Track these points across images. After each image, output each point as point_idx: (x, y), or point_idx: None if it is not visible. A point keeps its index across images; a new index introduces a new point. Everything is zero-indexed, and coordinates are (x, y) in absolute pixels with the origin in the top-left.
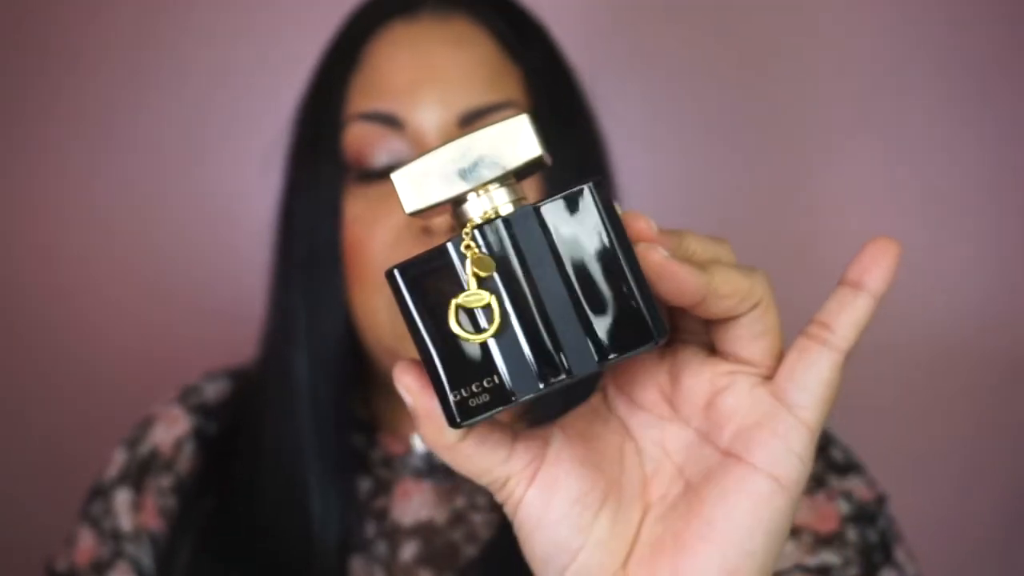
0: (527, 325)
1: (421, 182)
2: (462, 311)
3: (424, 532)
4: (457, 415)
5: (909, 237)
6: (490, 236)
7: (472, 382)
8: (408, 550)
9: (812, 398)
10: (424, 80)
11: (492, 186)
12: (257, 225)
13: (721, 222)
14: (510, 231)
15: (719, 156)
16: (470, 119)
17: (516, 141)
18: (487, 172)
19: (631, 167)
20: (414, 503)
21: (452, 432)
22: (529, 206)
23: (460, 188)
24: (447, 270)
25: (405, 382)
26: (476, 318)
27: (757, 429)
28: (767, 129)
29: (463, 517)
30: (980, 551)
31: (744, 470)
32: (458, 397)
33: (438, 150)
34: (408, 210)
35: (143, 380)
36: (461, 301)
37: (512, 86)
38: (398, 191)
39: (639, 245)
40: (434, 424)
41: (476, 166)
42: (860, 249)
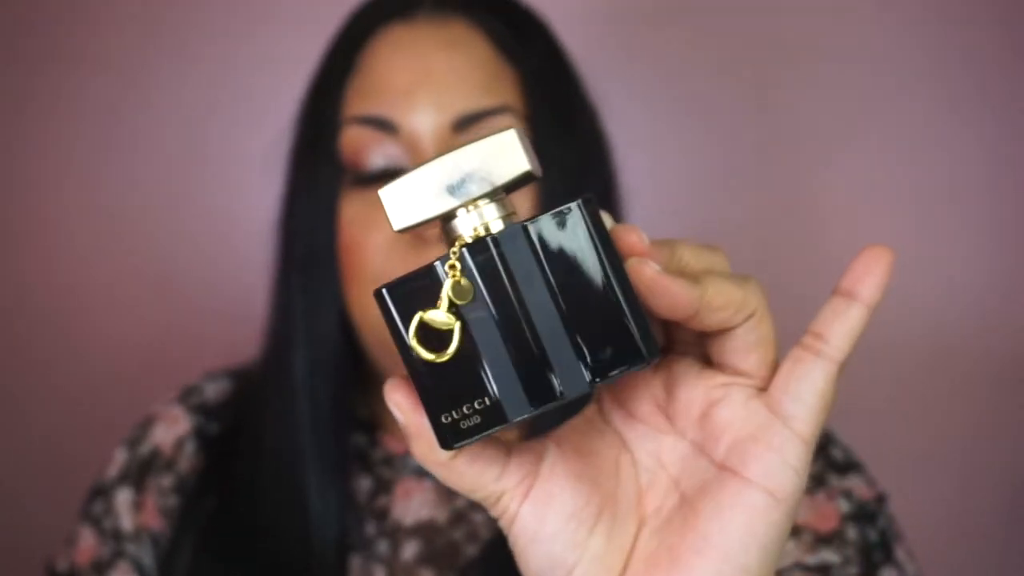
0: (517, 346)
1: (409, 198)
2: (428, 328)
3: (425, 531)
4: (448, 438)
5: (909, 237)
6: (479, 255)
7: (463, 404)
8: (409, 549)
9: (807, 409)
10: (419, 84)
11: (481, 202)
12: (260, 224)
13: (722, 222)
14: (499, 250)
15: (720, 156)
16: (464, 123)
17: (504, 156)
18: (476, 188)
19: (633, 167)
20: (415, 502)
21: (444, 450)
22: (518, 225)
23: (449, 204)
24: (434, 290)
25: (395, 399)
26: (442, 338)
27: (752, 442)
28: (768, 129)
29: (464, 516)
30: (979, 550)
31: (739, 484)
32: (449, 419)
33: (425, 166)
34: (396, 227)
35: (145, 379)
36: (425, 316)
37: (508, 90)
38: (386, 208)
39: (630, 260)
40: (425, 441)
41: (464, 182)
42: (854, 257)
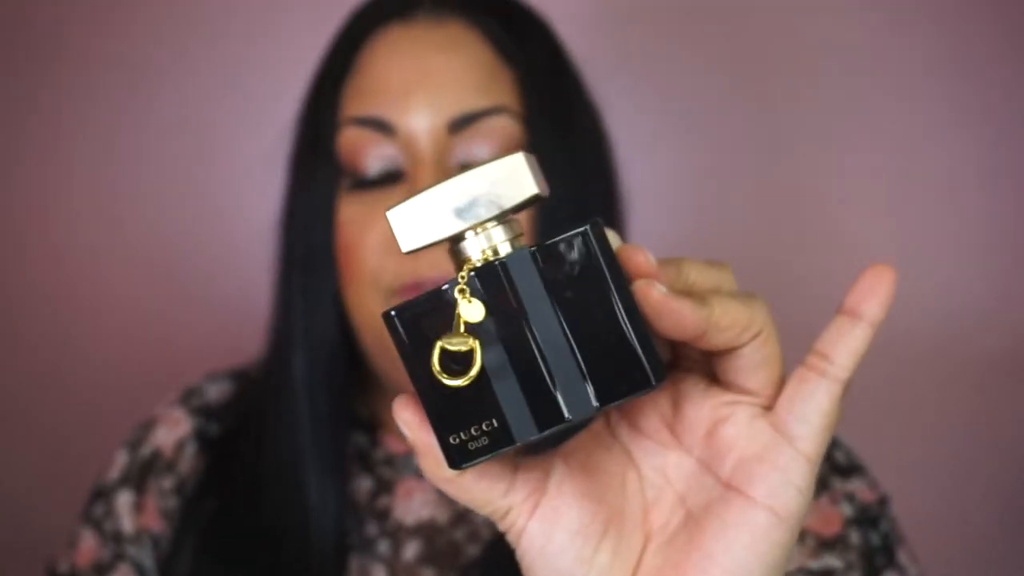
0: (524, 369)
1: (417, 220)
2: (447, 353)
3: (426, 531)
4: (456, 458)
5: (907, 236)
6: (487, 279)
7: (471, 425)
8: (410, 549)
9: (811, 429)
10: (415, 85)
11: (489, 224)
12: (265, 224)
13: (722, 222)
14: (507, 274)
15: (721, 157)
16: (461, 124)
17: (512, 179)
18: (483, 211)
19: (633, 167)
20: (416, 502)
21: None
22: (526, 250)
23: (457, 227)
24: (443, 313)
25: (404, 417)
26: (462, 362)
27: (757, 462)
28: (768, 130)
29: (465, 517)
30: (977, 549)
31: (744, 503)
32: (457, 440)
33: (434, 189)
34: (405, 249)
35: (149, 378)
36: (445, 343)
37: (505, 90)
38: (394, 230)
39: (637, 282)
40: (433, 459)
41: (472, 205)
42: (858, 276)
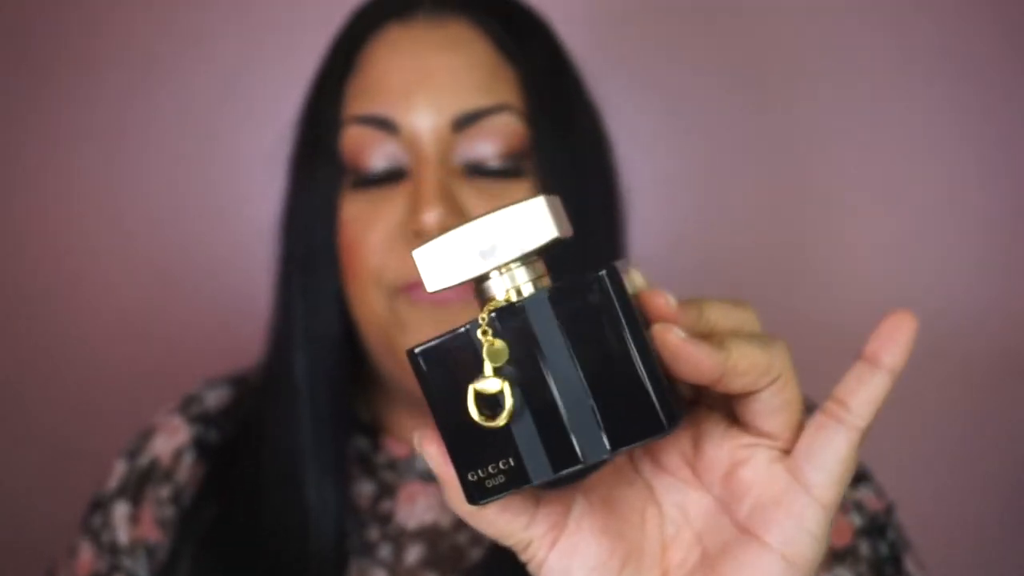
0: (541, 410)
1: (442, 260)
2: (480, 396)
3: (429, 535)
4: (474, 494)
5: (906, 236)
6: (506, 320)
7: (488, 463)
8: (413, 553)
9: (828, 477)
10: (418, 83)
11: (512, 265)
12: (268, 223)
13: (721, 222)
14: (525, 317)
15: (721, 157)
16: (464, 122)
17: (534, 224)
18: (506, 253)
19: (633, 167)
20: (419, 506)
21: None
22: (544, 292)
23: (480, 268)
24: (466, 353)
25: (429, 452)
26: (492, 403)
27: (773, 507)
28: (769, 131)
29: None
30: (977, 548)
31: (759, 548)
32: (475, 477)
33: (457, 231)
34: (430, 288)
35: (151, 377)
36: (478, 387)
37: (507, 89)
38: (420, 269)
39: (655, 326)
40: (456, 492)
41: (495, 248)
42: (880, 324)
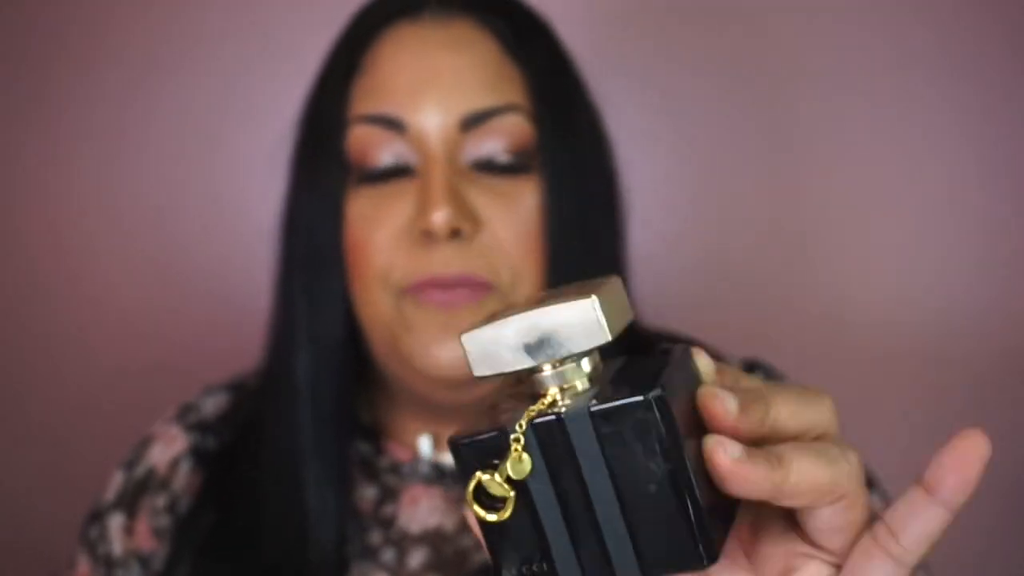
0: (576, 521)
1: (489, 350)
2: (483, 489)
3: (433, 539)
4: None
5: (906, 236)
6: (544, 434)
7: (523, 564)
8: (416, 557)
9: None
10: (426, 83)
11: (561, 365)
12: (269, 223)
13: (721, 222)
14: (563, 430)
15: (721, 157)
16: (472, 122)
17: (583, 325)
18: (553, 351)
19: (633, 167)
20: (423, 510)
21: None
22: (584, 408)
23: (526, 363)
24: (501, 454)
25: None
26: (496, 500)
27: None
28: (770, 130)
29: None
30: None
31: None
32: (511, 574)
33: (506, 320)
34: (476, 374)
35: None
36: (485, 480)
37: (514, 89)
38: (467, 354)
39: (707, 440)
40: None
41: (542, 344)
42: (947, 446)
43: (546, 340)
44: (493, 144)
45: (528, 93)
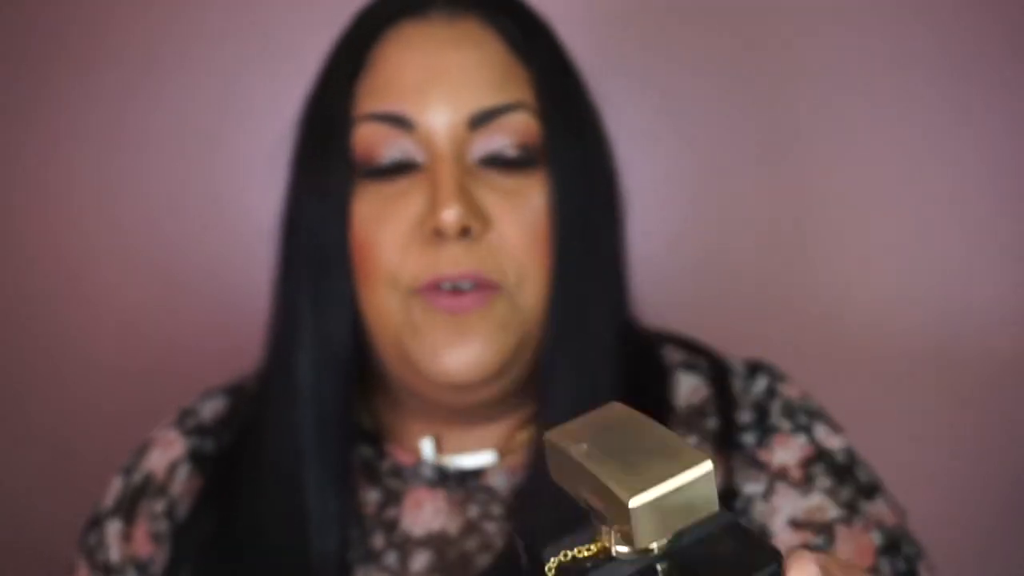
0: None
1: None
2: None
3: (436, 542)
4: None
5: (908, 237)
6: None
7: None
8: (419, 560)
9: None
10: (433, 81)
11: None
12: (266, 224)
13: (722, 222)
14: None
15: (721, 157)
16: (480, 120)
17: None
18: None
19: (633, 168)
20: (426, 513)
21: None
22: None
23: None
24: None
25: None
26: None
27: None
28: (769, 130)
29: (477, 526)
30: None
31: None
32: None
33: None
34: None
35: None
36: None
37: (521, 87)
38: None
39: None
40: None
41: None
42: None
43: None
44: (500, 142)
45: (534, 91)
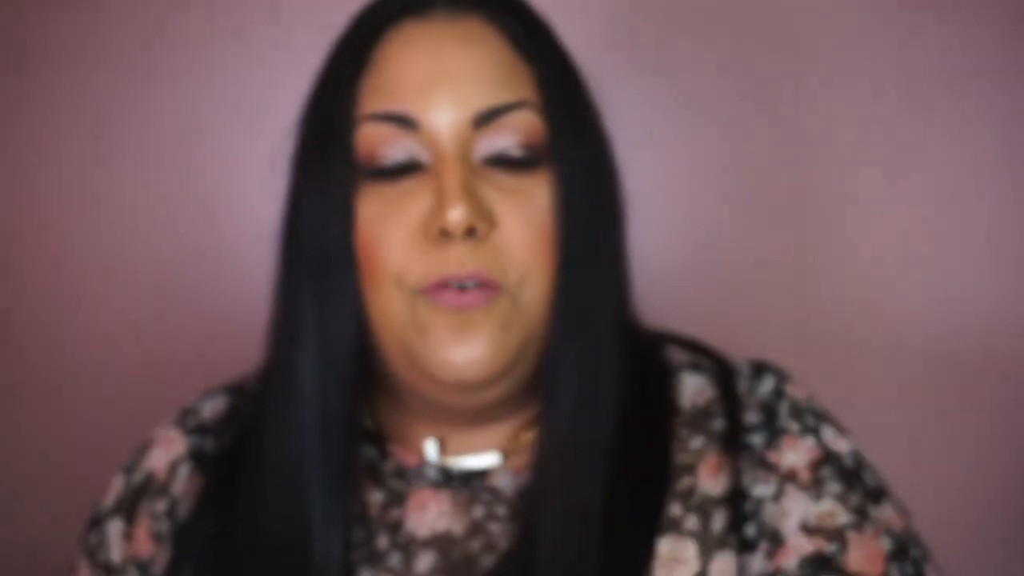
0: None
1: None
2: None
3: (440, 543)
4: None
5: (912, 239)
6: None
7: None
8: (424, 561)
9: None
10: (437, 80)
11: None
12: (264, 227)
13: (723, 222)
14: None
15: (722, 158)
16: (485, 119)
17: None
18: None
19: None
20: (430, 514)
21: None
22: None
23: None
24: None
25: None
26: None
27: None
28: (769, 130)
29: (481, 527)
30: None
31: None
32: None
33: None
34: None
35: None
36: None
37: (525, 86)
38: None
39: None
40: None
41: None
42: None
43: None
44: (505, 140)
45: (537, 89)
